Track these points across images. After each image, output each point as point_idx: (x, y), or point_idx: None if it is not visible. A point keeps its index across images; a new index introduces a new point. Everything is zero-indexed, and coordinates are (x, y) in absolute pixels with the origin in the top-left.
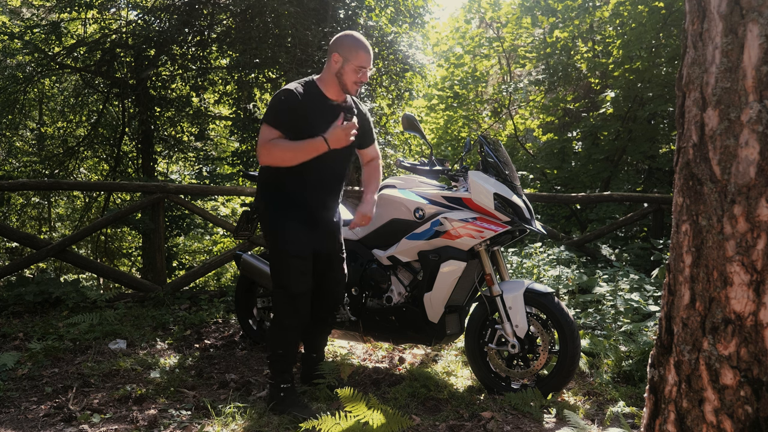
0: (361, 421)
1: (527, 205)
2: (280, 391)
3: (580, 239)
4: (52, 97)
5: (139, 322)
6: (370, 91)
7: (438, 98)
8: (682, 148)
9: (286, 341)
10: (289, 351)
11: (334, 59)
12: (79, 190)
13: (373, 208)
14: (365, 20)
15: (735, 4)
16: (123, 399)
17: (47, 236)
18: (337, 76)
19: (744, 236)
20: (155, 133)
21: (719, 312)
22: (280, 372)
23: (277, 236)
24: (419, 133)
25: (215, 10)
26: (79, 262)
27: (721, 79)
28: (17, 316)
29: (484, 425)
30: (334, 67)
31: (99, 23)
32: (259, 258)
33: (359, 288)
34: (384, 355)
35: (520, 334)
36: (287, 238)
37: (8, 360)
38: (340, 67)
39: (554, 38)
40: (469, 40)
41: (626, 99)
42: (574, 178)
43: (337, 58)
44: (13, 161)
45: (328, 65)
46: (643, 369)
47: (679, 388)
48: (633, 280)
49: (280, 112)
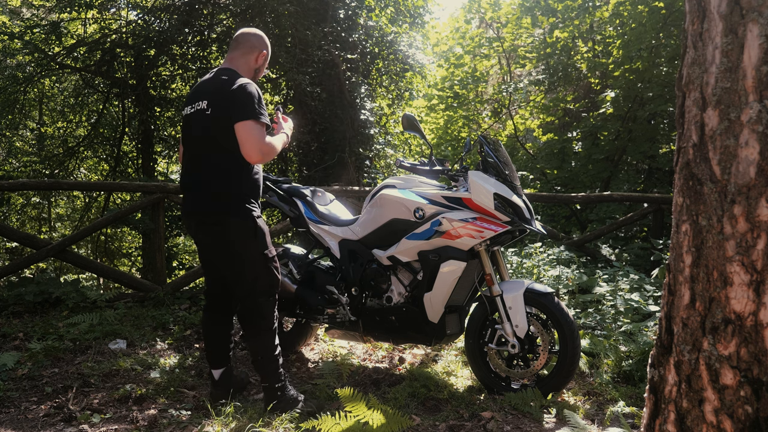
0: (361, 421)
1: (527, 205)
2: (282, 390)
3: (580, 239)
4: (52, 97)
5: (139, 322)
6: (370, 91)
7: (438, 98)
8: (682, 148)
9: (276, 342)
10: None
11: (261, 55)
12: (79, 190)
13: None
14: (365, 20)
15: (735, 4)
16: (123, 399)
17: (47, 236)
18: (255, 70)
19: (744, 236)
20: (155, 133)
21: (719, 312)
22: (278, 372)
23: (265, 242)
24: (419, 133)
25: (215, 10)
26: (79, 262)
27: (721, 79)
28: (17, 316)
29: (484, 425)
30: (257, 63)
31: (99, 23)
32: None
33: (359, 288)
34: (384, 355)
35: (520, 334)
36: (268, 241)
37: (8, 360)
38: (263, 63)
39: (554, 38)
40: (469, 40)
41: (626, 99)
42: (574, 178)
43: (264, 55)
44: (13, 161)
45: (249, 59)
46: (643, 369)
47: (679, 388)
48: (633, 280)
49: (262, 105)
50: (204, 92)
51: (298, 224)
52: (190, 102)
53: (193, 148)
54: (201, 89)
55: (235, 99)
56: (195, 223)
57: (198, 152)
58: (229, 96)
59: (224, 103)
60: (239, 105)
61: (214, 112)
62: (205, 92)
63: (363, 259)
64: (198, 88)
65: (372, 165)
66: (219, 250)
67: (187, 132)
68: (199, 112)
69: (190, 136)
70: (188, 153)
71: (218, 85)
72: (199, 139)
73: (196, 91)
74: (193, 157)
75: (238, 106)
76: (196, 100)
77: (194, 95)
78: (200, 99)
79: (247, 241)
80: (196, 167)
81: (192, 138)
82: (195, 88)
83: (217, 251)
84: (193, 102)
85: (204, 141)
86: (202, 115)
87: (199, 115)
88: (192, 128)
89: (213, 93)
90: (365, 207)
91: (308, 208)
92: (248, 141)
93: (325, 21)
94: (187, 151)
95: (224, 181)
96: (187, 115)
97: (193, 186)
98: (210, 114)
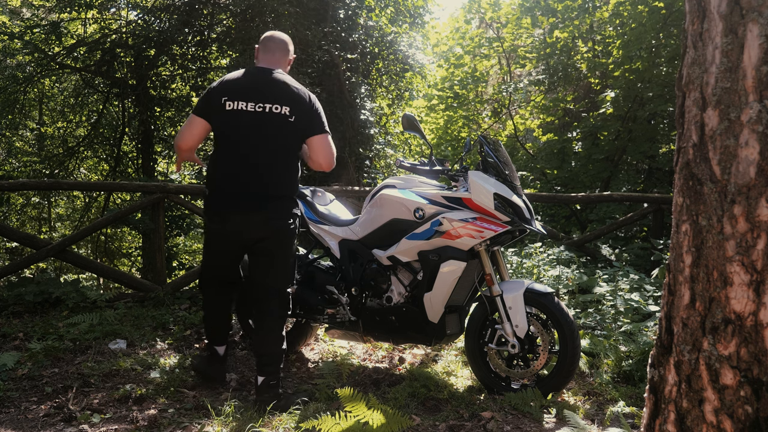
0: (361, 421)
1: (527, 205)
2: (279, 386)
3: (580, 239)
4: (52, 97)
5: (139, 322)
6: (370, 91)
7: (438, 98)
8: (682, 148)
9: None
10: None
11: (291, 57)
12: (79, 190)
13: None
14: (365, 20)
15: (735, 4)
16: (123, 399)
17: (47, 236)
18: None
19: (744, 236)
20: (155, 133)
21: (719, 312)
22: (281, 368)
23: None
24: (419, 133)
25: (215, 10)
26: (79, 262)
27: (721, 79)
28: (17, 316)
29: (484, 425)
30: (289, 64)
31: (99, 23)
32: None
33: (359, 288)
34: (384, 355)
35: (520, 334)
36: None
37: (8, 360)
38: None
39: (554, 38)
40: (469, 40)
41: (626, 99)
42: (574, 178)
43: (292, 56)
44: (13, 161)
45: (287, 62)
46: (643, 369)
47: (679, 388)
48: (633, 280)
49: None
50: (278, 96)
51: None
52: (249, 98)
53: (254, 147)
54: (271, 90)
55: (313, 113)
56: (245, 220)
57: (259, 151)
58: (308, 109)
59: (306, 116)
60: (318, 118)
61: (298, 121)
62: (280, 96)
63: (363, 259)
64: (263, 88)
65: (372, 165)
66: (268, 247)
67: (249, 129)
68: (275, 116)
69: (255, 134)
70: (240, 150)
71: (294, 93)
72: (267, 138)
73: (259, 90)
74: (251, 155)
75: (316, 119)
76: (264, 100)
77: (260, 93)
78: (275, 102)
79: (291, 240)
80: (256, 166)
81: (260, 136)
82: (256, 85)
83: (266, 248)
84: (260, 100)
85: (275, 143)
86: (280, 119)
87: (275, 118)
88: (260, 127)
89: (292, 101)
90: (365, 207)
91: (308, 208)
92: (324, 152)
93: (325, 21)
94: (239, 148)
95: (289, 185)
96: (249, 112)
97: (252, 184)
98: (293, 121)
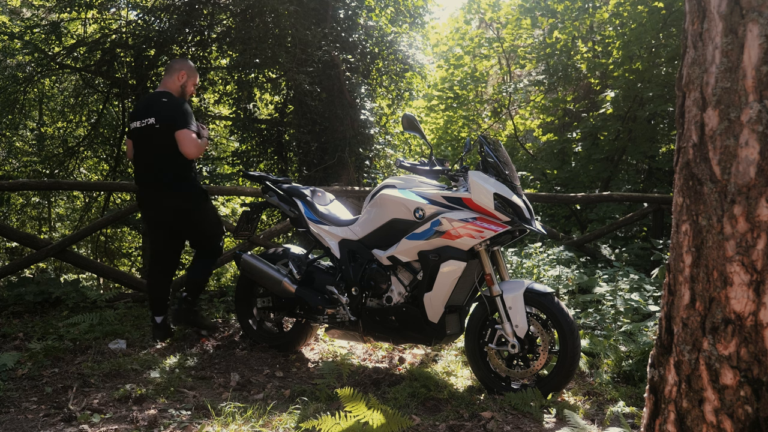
0: (361, 421)
1: (527, 205)
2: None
3: (580, 239)
4: (52, 97)
5: (139, 322)
6: (370, 91)
7: (438, 98)
8: (682, 148)
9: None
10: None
11: (180, 74)
12: (79, 190)
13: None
14: (365, 20)
15: (735, 4)
16: (123, 399)
17: (47, 236)
18: (182, 87)
19: (744, 236)
20: None
21: (719, 312)
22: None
23: (215, 209)
24: (419, 133)
25: (215, 10)
26: (79, 262)
27: (721, 79)
28: (17, 316)
29: (484, 425)
30: (181, 80)
31: (99, 23)
32: (259, 258)
33: (359, 288)
34: (384, 355)
35: (520, 334)
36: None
37: (8, 360)
38: (185, 80)
39: (554, 39)
40: (469, 40)
41: (626, 99)
42: (574, 178)
43: (183, 74)
44: (13, 161)
45: (172, 81)
46: (643, 369)
47: (679, 388)
48: (633, 280)
49: (192, 117)
50: (147, 112)
51: (298, 224)
52: (135, 118)
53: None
54: (145, 109)
55: (175, 115)
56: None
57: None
58: (169, 114)
59: (168, 120)
60: (181, 118)
61: (163, 126)
62: (148, 112)
63: (363, 259)
64: (141, 108)
65: (372, 165)
66: (186, 219)
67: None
68: (147, 127)
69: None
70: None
71: (160, 105)
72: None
73: (138, 110)
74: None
75: (179, 119)
76: (141, 117)
77: (139, 113)
78: (145, 117)
79: (200, 204)
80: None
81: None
82: (138, 108)
83: (185, 220)
84: (140, 118)
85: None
86: (150, 129)
87: (147, 129)
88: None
89: (157, 113)
90: (365, 207)
91: (308, 208)
92: (184, 142)
93: (325, 21)
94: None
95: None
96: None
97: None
98: (158, 128)
